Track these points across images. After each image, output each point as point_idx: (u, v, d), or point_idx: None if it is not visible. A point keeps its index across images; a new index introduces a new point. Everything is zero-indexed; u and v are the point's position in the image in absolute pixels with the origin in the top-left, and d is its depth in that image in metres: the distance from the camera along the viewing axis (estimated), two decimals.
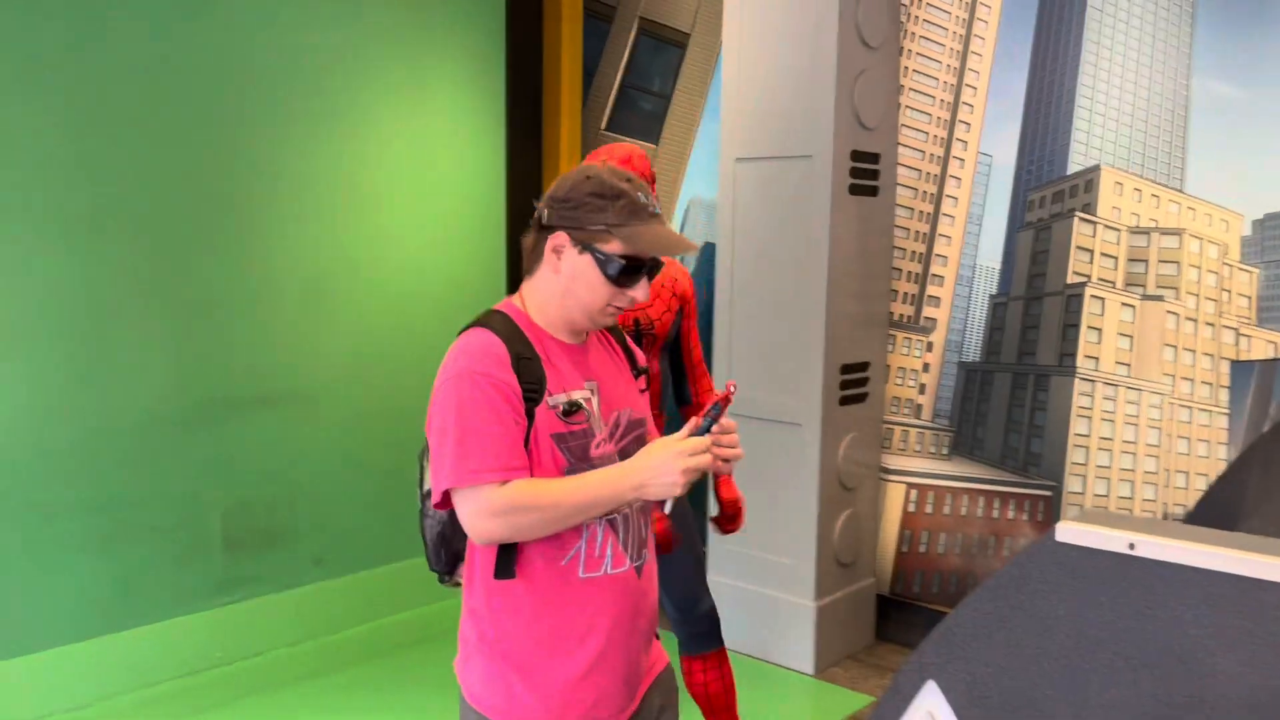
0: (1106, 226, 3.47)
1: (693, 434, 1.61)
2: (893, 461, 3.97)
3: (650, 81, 4.66)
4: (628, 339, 1.87)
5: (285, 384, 3.75)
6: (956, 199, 3.79)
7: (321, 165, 3.83)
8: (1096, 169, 3.48)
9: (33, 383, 3.16)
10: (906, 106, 3.87)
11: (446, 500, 1.61)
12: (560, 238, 1.63)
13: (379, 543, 4.07)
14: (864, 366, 3.83)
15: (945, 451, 3.86)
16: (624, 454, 1.67)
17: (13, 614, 3.16)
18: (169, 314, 3.45)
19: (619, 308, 1.67)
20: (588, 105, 4.84)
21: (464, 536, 1.70)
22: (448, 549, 1.75)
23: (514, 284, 4.55)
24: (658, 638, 1.85)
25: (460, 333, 1.68)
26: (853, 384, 3.77)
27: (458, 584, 1.77)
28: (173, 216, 3.44)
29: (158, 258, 3.42)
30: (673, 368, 2.63)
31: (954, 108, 3.78)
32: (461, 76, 4.29)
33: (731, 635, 3.90)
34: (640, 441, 1.72)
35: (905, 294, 3.91)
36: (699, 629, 2.69)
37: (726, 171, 3.85)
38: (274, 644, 3.76)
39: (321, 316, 3.85)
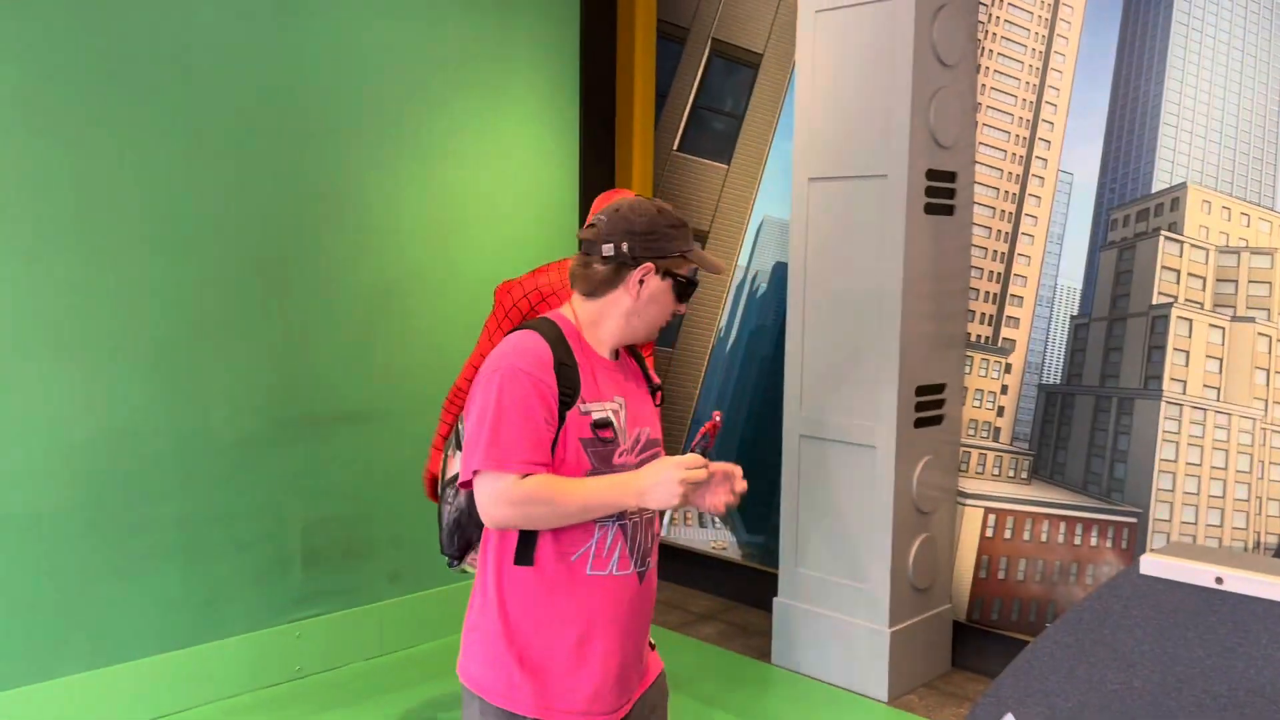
0: (1194, 246, 3.37)
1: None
2: (970, 485, 3.89)
3: (722, 102, 4.67)
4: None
5: (365, 403, 3.83)
6: (1036, 218, 3.72)
7: (404, 188, 3.92)
8: (1183, 187, 3.39)
9: (126, 400, 3.27)
10: (984, 124, 3.81)
11: (470, 482, 1.75)
12: (648, 267, 1.83)
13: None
14: (940, 388, 3.77)
15: (1024, 476, 3.77)
16: (638, 467, 1.82)
17: (101, 624, 3.27)
18: (257, 333, 3.55)
19: (673, 316, 1.92)
20: (660, 126, 4.87)
21: (478, 525, 1.82)
22: (461, 535, 1.91)
23: None
24: (653, 646, 1.98)
25: (511, 330, 1.86)
26: (928, 406, 3.72)
27: (464, 571, 1.90)
28: (264, 237, 3.55)
29: (248, 278, 3.52)
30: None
31: (1033, 125, 3.72)
32: (536, 100, 4.35)
33: (803, 660, 3.86)
34: (653, 453, 1.90)
35: (983, 314, 3.85)
36: None
37: (799, 191, 3.83)
38: (350, 658, 3.82)
39: (400, 336, 3.92)
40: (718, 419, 1.87)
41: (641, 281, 1.83)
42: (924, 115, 3.56)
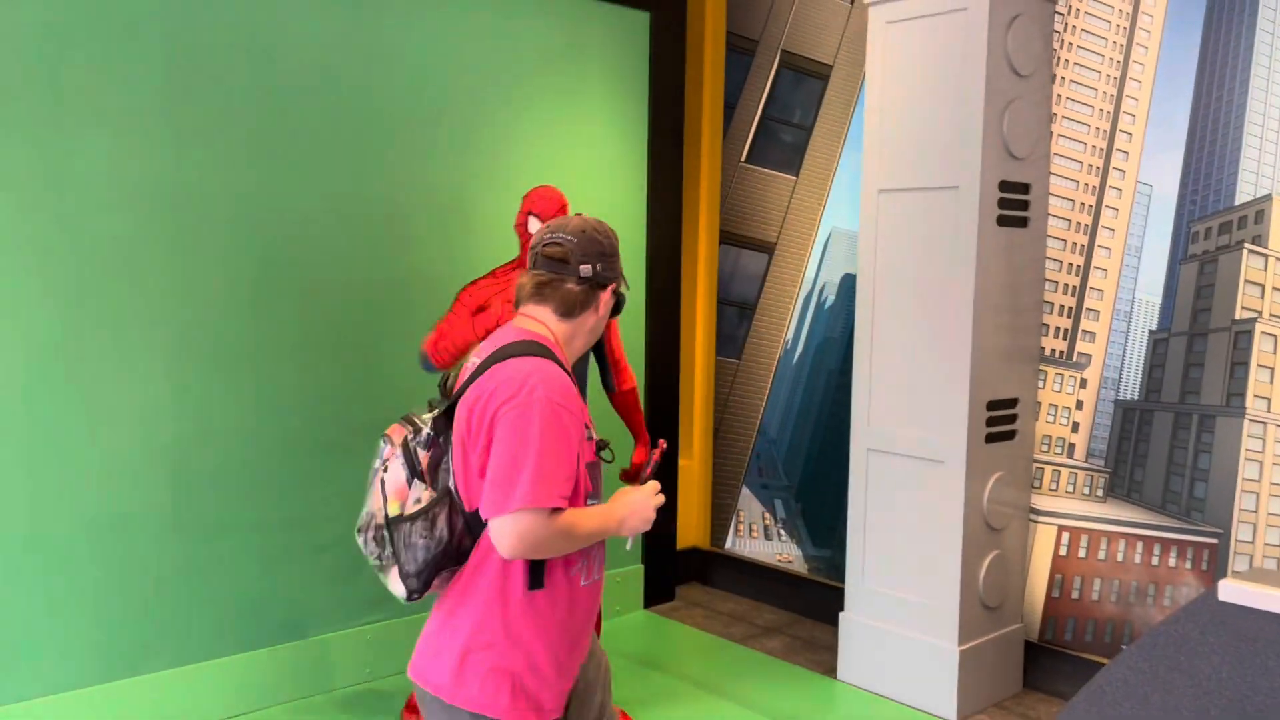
0: (1279, 259, 3.27)
1: (645, 481, 1.95)
2: (1043, 502, 3.82)
3: (791, 113, 4.66)
4: None
5: None
6: (1113, 230, 3.65)
7: (476, 196, 3.98)
8: (1268, 199, 3.29)
9: (211, 405, 3.38)
10: (1059, 135, 3.75)
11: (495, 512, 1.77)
12: (613, 287, 1.95)
13: None
14: (1012, 403, 3.70)
15: (1100, 493, 3.68)
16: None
17: (183, 623, 3.37)
18: (335, 340, 3.64)
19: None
20: (728, 138, 4.88)
21: (459, 557, 1.85)
22: (436, 569, 1.84)
23: (656, 311, 4.61)
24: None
25: (509, 356, 1.83)
26: (1000, 420, 3.66)
27: (412, 600, 1.88)
28: (342, 245, 3.63)
29: (328, 285, 3.60)
30: (597, 362, 2.99)
31: (1111, 136, 3.64)
32: (605, 111, 4.39)
33: (870, 676, 3.82)
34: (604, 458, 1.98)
35: (1057, 328, 3.78)
36: None
37: (868, 203, 3.81)
38: None
39: None
40: (663, 446, 2.01)
41: (607, 300, 1.95)
42: (997, 126, 3.51)
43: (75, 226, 3.12)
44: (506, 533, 1.74)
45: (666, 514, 4.74)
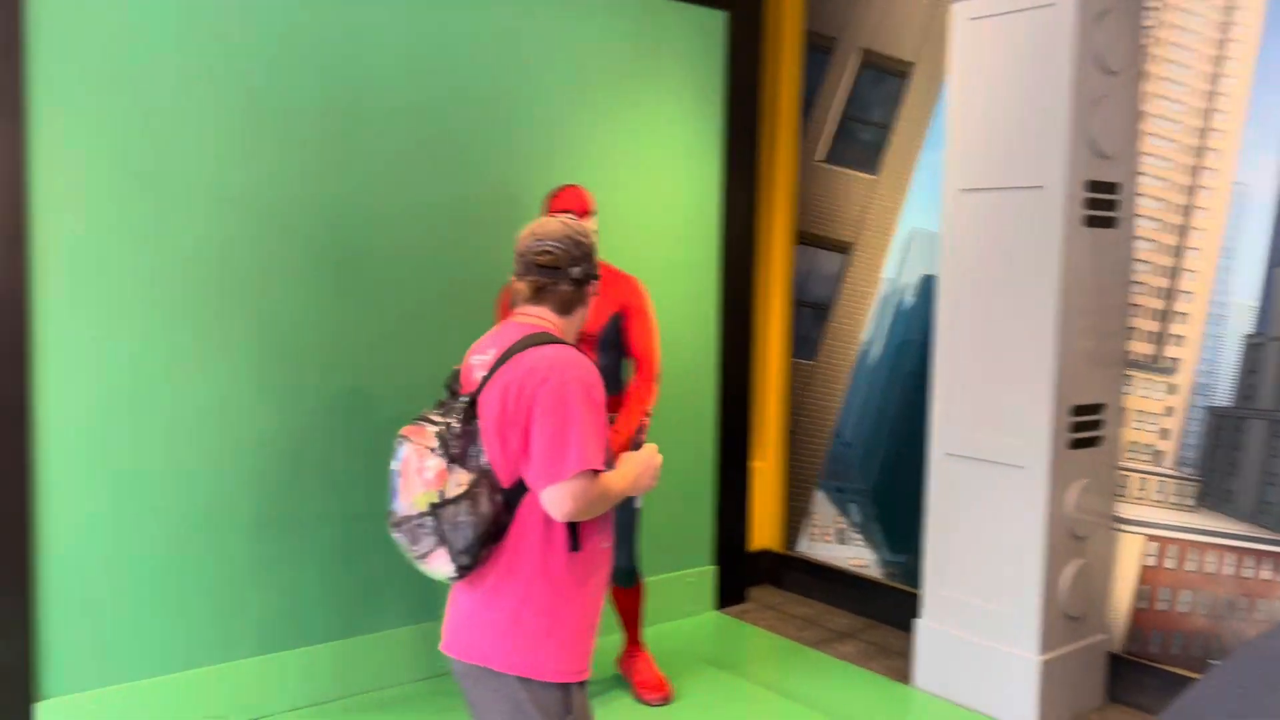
0: None
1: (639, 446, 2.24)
2: (1129, 511, 3.71)
3: (870, 112, 4.60)
4: None
5: None
6: (1205, 231, 3.53)
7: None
8: None
9: (293, 403, 3.46)
10: (1149, 133, 3.64)
11: (519, 487, 2.01)
12: (595, 283, 2.19)
13: None
14: (1098, 408, 3.61)
15: (1190, 502, 3.57)
16: None
17: (266, 613, 3.46)
18: (412, 341, 3.70)
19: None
20: (805, 137, 4.84)
21: (498, 530, 2.02)
22: (480, 545, 2.01)
23: (730, 312, 4.60)
24: None
25: (530, 346, 2.04)
26: (1085, 426, 3.56)
27: (457, 577, 2.04)
28: (419, 247, 3.69)
29: (404, 288, 3.67)
30: (619, 359, 3.42)
31: (1204, 134, 3.52)
32: (681, 110, 4.39)
33: (946, 684, 3.75)
34: None
35: (1146, 332, 3.67)
36: (622, 575, 3.62)
37: (949, 202, 3.74)
38: None
39: None
40: (646, 421, 2.29)
41: (589, 295, 2.19)
42: (1084, 124, 3.43)
43: (167, 231, 3.22)
44: (564, 496, 1.96)
45: (737, 515, 4.72)
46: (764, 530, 5.03)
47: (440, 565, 2.01)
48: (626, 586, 3.71)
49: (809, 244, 4.85)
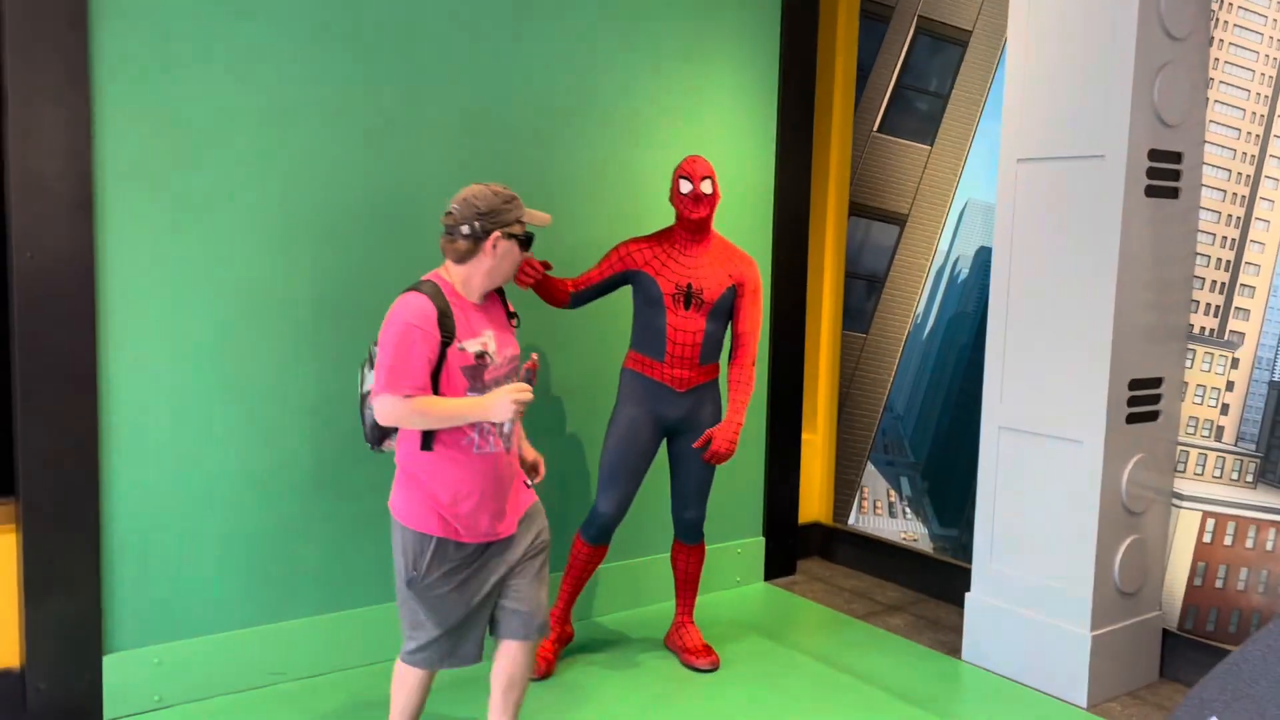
0: None
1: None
2: (1186, 487, 3.65)
3: (927, 81, 4.54)
4: (506, 297, 2.82)
5: (564, 380, 3.98)
6: (1273, 202, 3.44)
7: (607, 170, 4.03)
8: None
9: (349, 371, 3.53)
10: (1216, 101, 3.55)
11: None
12: (495, 236, 2.61)
13: (640, 535, 4.23)
14: (1156, 382, 3.55)
15: (1250, 479, 3.50)
16: (505, 378, 2.66)
17: (326, 574, 3.55)
18: None
19: (521, 262, 2.97)
20: (860, 107, 4.79)
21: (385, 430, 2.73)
22: (377, 431, 2.75)
23: (782, 284, 4.58)
24: (528, 485, 2.81)
25: (404, 292, 2.61)
26: (1142, 400, 3.51)
27: (382, 451, 2.81)
28: None
29: None
30: (724, 328, 3.63)
31: (1272, 103, 3.43)
32: (736, 80, 4.36)
33: (997, 658, 3.74)
34: (513, 366, 2.70)
35: (1208, 305, 3.59)
36: (683, 529, 3.72)
37: (1007, 172, 3.69)
38: None
39: (605, 318, 4.03)
40: (535, 359, 2.60)
41: (495, 246, 2.61)
42: (1147, 92, 3.35)
43: (227, 200, 3.29)
44: (375, 410, 2.56)
45: (788, 487, 4.73)
46: (814, 503, 5.03)
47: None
48: (688, 544, 3.76)
49: (862, 215, 4.81)
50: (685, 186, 3.46)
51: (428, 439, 2.58)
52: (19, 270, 2.99)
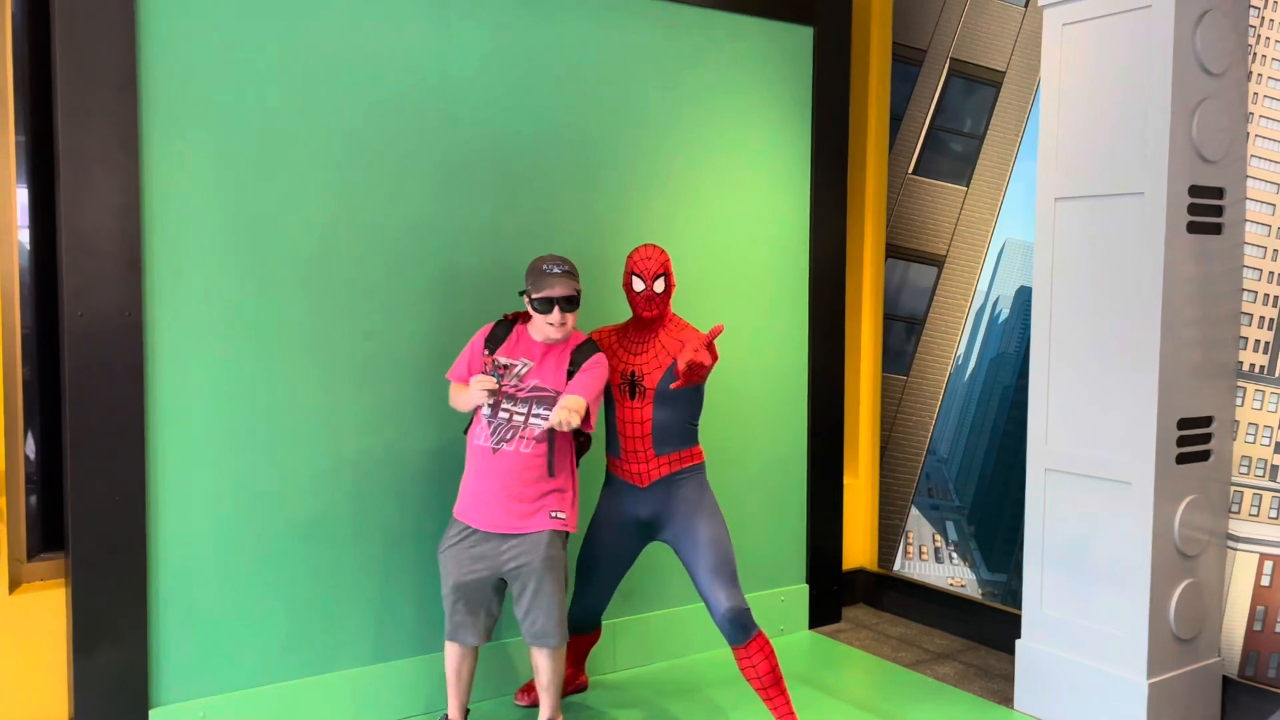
0: None
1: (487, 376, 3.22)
2: (1242, 528, 3.55)
3: (961, 122, 4.53)
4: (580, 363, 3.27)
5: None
6: None
7: (640, 219, 4.06)
8: None
9: (393, 421, 3.56)
10: (1257, 135, 3.51)
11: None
12: (528, 299, 3.23)
13: (683, 583, 4.19)
14: (1206, 421, 3.47)
15: None
16: (524, 398, 3.21)
17: (370, 624, 3.56)
18: None
19: (553, 325, 3.20)
20: (894, 149, 4.79)
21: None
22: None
23: (819, 327, 4.56)
24: (553, 516, 3.24)
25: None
26: (1192, 440, 3.44)
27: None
28: (518, 272, 3.76)
29: (504, 305, 3.73)
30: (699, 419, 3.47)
31: None
32: (768, 126, 4.39)
33: (1050, 707, 3.64)
34: (536, 394, 3.21)
35: (1257, 341, 3.52)
36: (722, 628, 3.28)
37: (1044, 211, 3.66)
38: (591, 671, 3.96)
39: None
40: (486, 364, 3.20)
41: (530, 306, 3.23)
42: (1186, 128, 3.32)
43: (271, 257, 3.35)
44: None
45: (831, 532, 4.67)
46: (858, 548, 4.97)
47: None
48: (738, 644, 3.26)
49: (900, 257, 4.79)
50: (638, 285, 3.32)
51: (466, 428, 3.35)
52: (70, 328, 3.06)
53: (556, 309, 3.17)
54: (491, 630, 3.33)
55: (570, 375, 3.22)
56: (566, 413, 3.00)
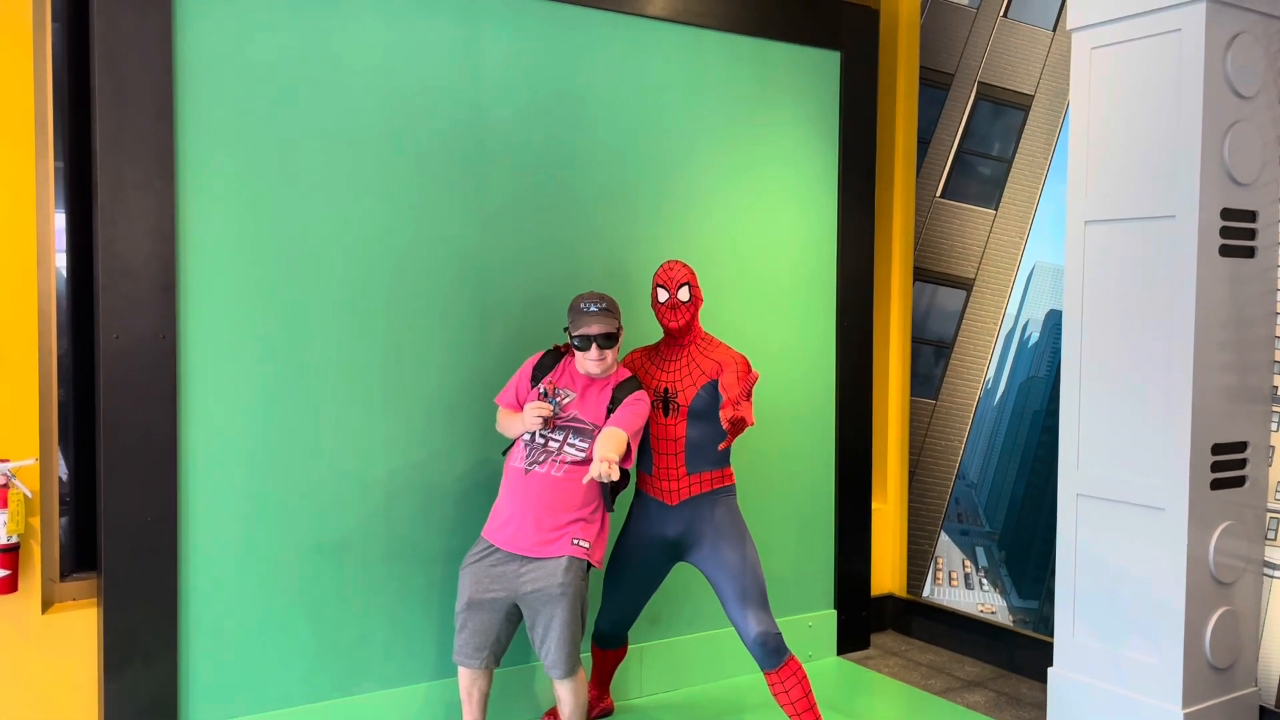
0: None
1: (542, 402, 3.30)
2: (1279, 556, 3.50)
3: (989, 146, 4.52)
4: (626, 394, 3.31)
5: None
6: None
7: (673, 240, 4.07)
8: None
9: (420, 443, 3.58)
10: None
11: None
12: (570, 331, 3.28)
13: (711, 608, 4.17)
14: (1240, 446, 3.43)
15: None
16: (561, 426, 3.27)
17: (396, 646, 3.56)
18: None
19: (591, 360, 3.27)
20: (922, 173, 4.78)
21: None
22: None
23: (847, 351, 4.55)
24: (575, 543, 3.21)
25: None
26: (1227, 466, 3.39)
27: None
28: (546, 296, 3.78)
29: (531, 337, 3.75)
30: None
31: None
32: (796, 151, 4.40)
33: None
34: (574, 424, 3.28)
35: None
36: (754, 653, 3.27)
37: (1074, 235, 3.64)
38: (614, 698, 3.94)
39: None
40: (544, 387, 3.30)
41: (570, 340, 3.30)
42: (1217, 151, 3.30)
43: (303, 279, 3.39)
44: None
45: (859, 558, 4.63)
46: (887, 574, 4.92)
47: None
48: (770, 669, 3.27)
49: (928, 280, 4.77)
50: (662, 295, 3.38)
51: (506, 449, 3.40)
52: (105, 350, 3.11)
53: (594, 346, 3.23)
54: (499, 658, 3.30)
55: (610, 411, 3.25)
56: (606, 465, 2.95)
